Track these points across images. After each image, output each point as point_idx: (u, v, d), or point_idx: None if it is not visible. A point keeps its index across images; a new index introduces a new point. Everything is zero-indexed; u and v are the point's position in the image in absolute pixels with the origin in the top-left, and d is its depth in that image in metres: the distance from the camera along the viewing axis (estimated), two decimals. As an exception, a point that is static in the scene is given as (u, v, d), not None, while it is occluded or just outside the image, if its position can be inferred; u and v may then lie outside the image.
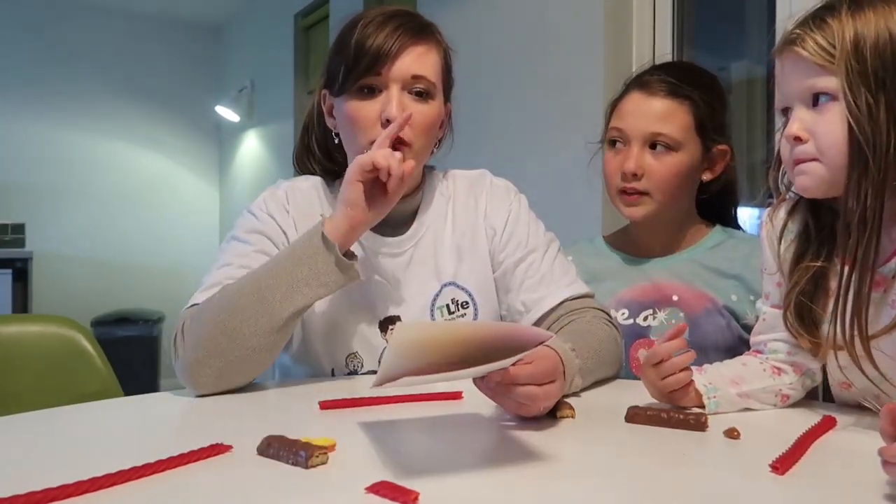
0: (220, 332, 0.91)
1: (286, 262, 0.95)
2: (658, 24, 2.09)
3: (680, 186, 1.22)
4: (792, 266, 0.87)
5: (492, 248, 1.13)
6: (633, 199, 1.21)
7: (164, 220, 4.99)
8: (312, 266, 0.93)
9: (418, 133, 1.02)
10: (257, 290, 0.93)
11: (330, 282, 0.94)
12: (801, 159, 0.79)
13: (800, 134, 0.78)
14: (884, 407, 0.59)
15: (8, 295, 3.97)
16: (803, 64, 0.78)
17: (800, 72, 0.78)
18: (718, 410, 0.84)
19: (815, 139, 0.78)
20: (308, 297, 0.94)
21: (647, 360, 0.85)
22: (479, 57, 2.46)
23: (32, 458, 0.67)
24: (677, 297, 1.21)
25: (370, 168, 0.94)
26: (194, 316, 0.95)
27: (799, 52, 0.77)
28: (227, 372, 0.92)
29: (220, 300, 0.94)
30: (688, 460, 0.69)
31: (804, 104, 0.79)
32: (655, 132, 1.19)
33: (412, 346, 0.63)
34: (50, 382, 1.20)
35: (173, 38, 5.06)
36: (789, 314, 0.85)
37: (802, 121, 0.79)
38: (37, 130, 4.56)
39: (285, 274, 0.93)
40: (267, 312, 0.92)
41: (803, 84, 0.78)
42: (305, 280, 0.93)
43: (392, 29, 1.01)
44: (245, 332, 0.91)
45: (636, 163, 1.19)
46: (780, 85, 0.82)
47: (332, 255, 0.93)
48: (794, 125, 0.79)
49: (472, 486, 0.60)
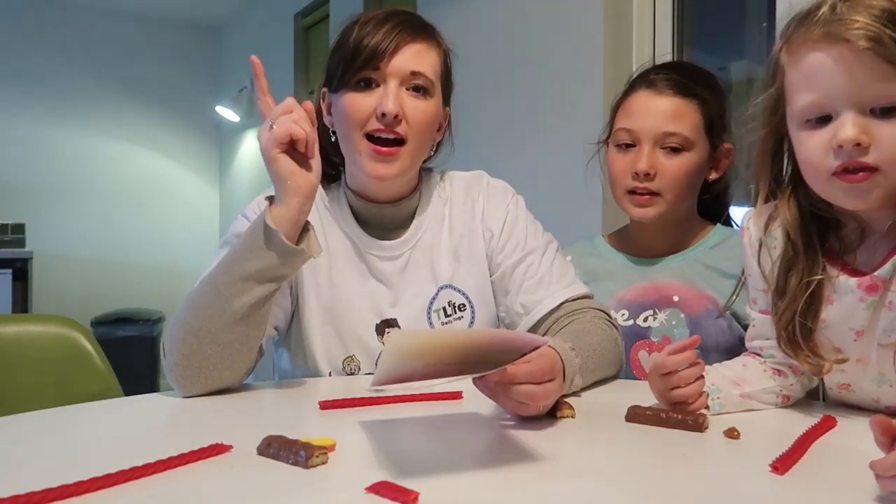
0: (188, 333, 0.91)
1: (238, 254, 0.93)
2: (658, 24, 2.09)
3: (689, 186, 1.21)
4: (780, 281, 0.84)
5: (489, 250, 1.12)
6: (645, 200, 1.20)
7: (164, 220, 5.00)
8: (260, 259, 0.91)
9: (415, 129, 1.02)
10: (213, 286, 0.92)
11: (278, 275, 0.92)
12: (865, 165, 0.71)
13: (861, 139, 0.70)
14: (872, 419, 0.57)
15: (8, 295, 3.97)
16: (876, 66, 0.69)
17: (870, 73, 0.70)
18: (722, 412, 0.84)
19: (882, 147, 0.70)
20: (263, 289, 0.91)
21: (654, 370, 0.83)
22: (478, 56, 2.46)
23: (32, 458, 0.67)
24: (678, 297, 1.20)
25: (286, 139, 0.91)
26: (169, 324, 0.95)
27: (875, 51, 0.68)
28: (207, 370, 0.91)
29: (187, 301, 0.93)
30: (688, 460, 0.69)
31: (859, 110, 0.71)
32: (667, 131, 1.18)
33: (407, 352, 0.63)
34: (50, 382, 1.20)
35: (173, 38, 5.06)
36: (783, 341, 0.83)
37: (861, 126, 0.70)
38: (37, 130, 4.56)
39: (236, 268, 0.91)
40: (227, 308, 0.90)
41: (873, 89, 0.70)
42: (259, 271, 0.91)
43: (392, 26, 1.01)
44: (211, 329, 0.90)
45: (649, 162, 1.18)
46: (818, 83, 0.73)
47: (273, 249, 0.90)
48: (851, 128, 0.70)
49: (472, 486, 0.60)
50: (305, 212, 0.93)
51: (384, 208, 1.10)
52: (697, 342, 0.82)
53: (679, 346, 0.82)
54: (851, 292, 0.79)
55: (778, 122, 0.82)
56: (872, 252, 0.80)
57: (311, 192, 0.93)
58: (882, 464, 0.56)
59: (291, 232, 0.92)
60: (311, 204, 0.94)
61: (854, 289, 0.79)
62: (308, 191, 0.92)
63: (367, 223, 1.11)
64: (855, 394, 0.85)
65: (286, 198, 0.92)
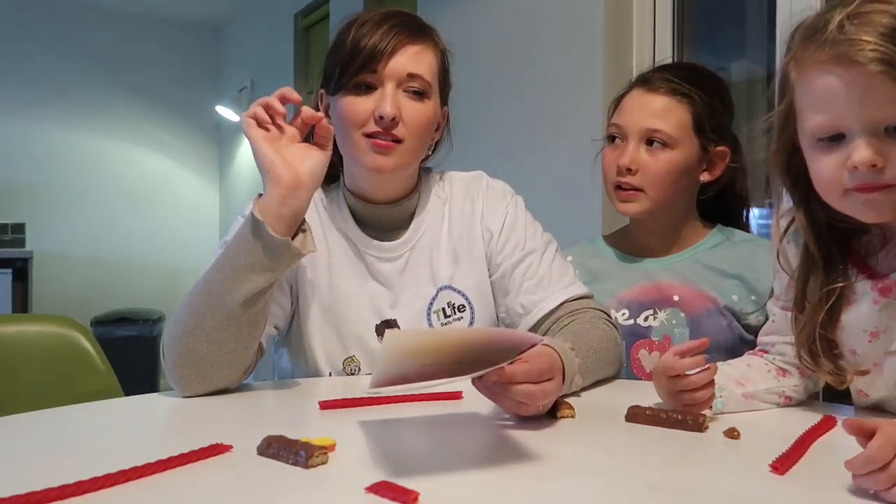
0: (184, 333, 0.91)
1: (228, 250, 0.92)
2: (658, 24, 2.09)
3: (675, 184, 1.21)
4: (799, 292, 0.83)
5: (488, 251, 1.12)
6: (628, 195, 1.21)
7: (164, 220, 4.99)
8: (247, 252, 0.90)
9: (412, 131, 1.02)
10: (206, 284, 0.92)
11: (267, 268, 0.91)
12: (879, 186, 0.71)
13: (876, 161, 0.70)
14: (844, 422, 0.58)
15: (8, 295, 3.97)
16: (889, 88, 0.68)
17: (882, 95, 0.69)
18: (725, 410, 0.84)
19: (891, 167, 0.70)
20: (255, 284, 0.90)
21: (661, 371, 0.81)
22: (478, 57, 2.46)
23: (32, 458, 0.67)
24: (678, 297, 1.21)
25: (253, 115, 0.92)
26: (167, 324, 0.95)
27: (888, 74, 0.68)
28: (204, 370, 0.90)
29: (184, 300, 0.93)
30: (688, 460, 0.69)
31: (872, 130, 0.70)
32: (651, 128, 1.19)
33: (404, 352, 0.63)
34: (50, 382, 1.20)
35: (173, 38, 5.06)
36: (805, 353, 0.82)
37: (872, 146, 0.70)
38: (37, 130, 4.56)
39: (227, 263, 0.91)
40: (220, 305, 0.90)
41: (885, 110, 0.69)
42: (249, 265, 0.90)
43: (389, 28, 1.01)
44: (205, 327, 0.90)
45: (630, 157, 1.19)
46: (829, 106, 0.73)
47: (260, 241, 0.89)
48: (866, 150, 0.70)
49: (472, 486, 0.60)
50: (289, 205, 0.91)
51: (383, 209, 1.10)
52: (706, 344, 0.81)
53: (687, 347, 0.81)
54: (867, 294, 0.79)
55: (790, 135, 0.81)
56: (893, 256, 0.80)
57: (292, 184, 0.91)
58: (855, 462, 0.56)
59: (276, 224, 0.90)
60: (295, 197, 0.91)
61: (869, 290, 0.79)
62: (289, 182, 0.90)
63: (366, 224, 1.11)
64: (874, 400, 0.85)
65: (268, 189, 0.91)
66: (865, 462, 0.55)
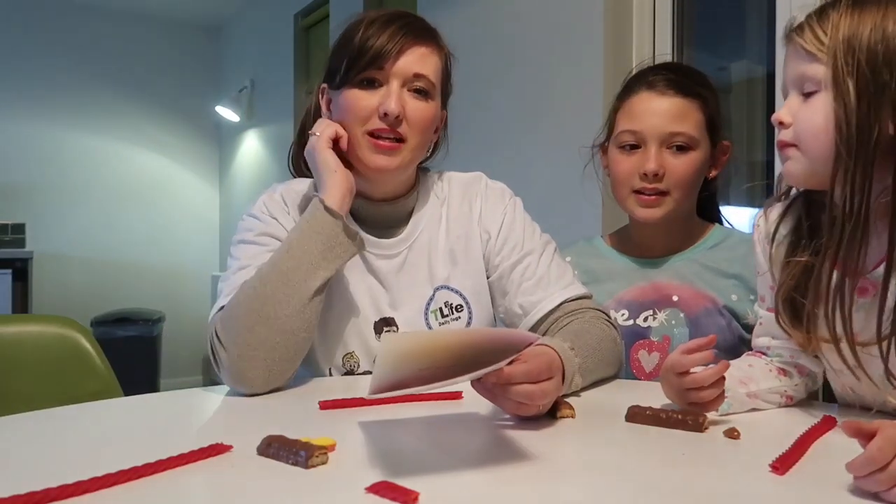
0: (256, 322, 0.93)
1: (299, 241, 0.97)
2: (658, 24, 2.09)
3: (694, 184, 1.22)
4: (783, 263, 0.86)
5: (486, 252, 1.13)
6: (653, 200, 1.20)
7: (164, 220, 4.99)
8: (327, 239, 0.98)
9: (415, 130, 1.03)
10: (280, 273, 0.95)
11: (343, 251, 0.99)
12: (782, 143, 0.81)
13: (783, 118, 0.81)
14: (843, 424, 0.58)
15: (8, 295, 3.97)
16: (799, 51, 0.79)
17: (795, 58, 0.80)
18: (730, 411, 0.84)
19: (795, 125, 0.80)
20: (329, 268, 0.98)
21: (668, 368, 0.81)
22: (478, 56, 2.46)
23: (32, 458, 0.67)
24: (677, 297, 1.21)
25: (335, 135, 1.03)
26: (224, 318, 0.96)
27: (796, 39, 0.79)
28: (272, 361, 0.93)
29: (247, 294, 0.95)
30: (688, 460, 0.69)
31: (797, 91, 0.80)
32: (673, 131, 1.19)
33: (401, 355, 0.63)
34: (50, 382, 1.20)
35: (173, 38, 5.05)
36: (781, 311, 0.85)
37: (790, 107, 0.81)
38: (37, 130, 4.56)
39: (302, 252, 0.97)
40: (295, 293, 0.95)
41: (795, 70, 0.80)
42: (322, 253, 0.97)
43: (397, 28, 1.03)
44: (280, 315, 0.93)
45: (657, 162, 1.18)
46: (783, 71, 0.84)
47: (339, 224, 0.98)
48: (782, 109, 0.81)
49: (471, 486, 0.61)
50: (347, 202, 1.02)
51: (381, 206, 1.11)
52: (713, 342, 0.81)
53: (695, 344, 0.81)
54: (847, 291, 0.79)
55: None
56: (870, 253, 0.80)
57: (352, 188, 1.03)
58: (855, 464, 0.56)
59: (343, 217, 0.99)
60: (350, 199, 1.03)
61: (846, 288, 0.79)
62: (350, 186, 1.03)
63: (364, 221, 1.11)
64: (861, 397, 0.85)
65: (331, 189, 1.01)
66: (865, 463, 0.56)
